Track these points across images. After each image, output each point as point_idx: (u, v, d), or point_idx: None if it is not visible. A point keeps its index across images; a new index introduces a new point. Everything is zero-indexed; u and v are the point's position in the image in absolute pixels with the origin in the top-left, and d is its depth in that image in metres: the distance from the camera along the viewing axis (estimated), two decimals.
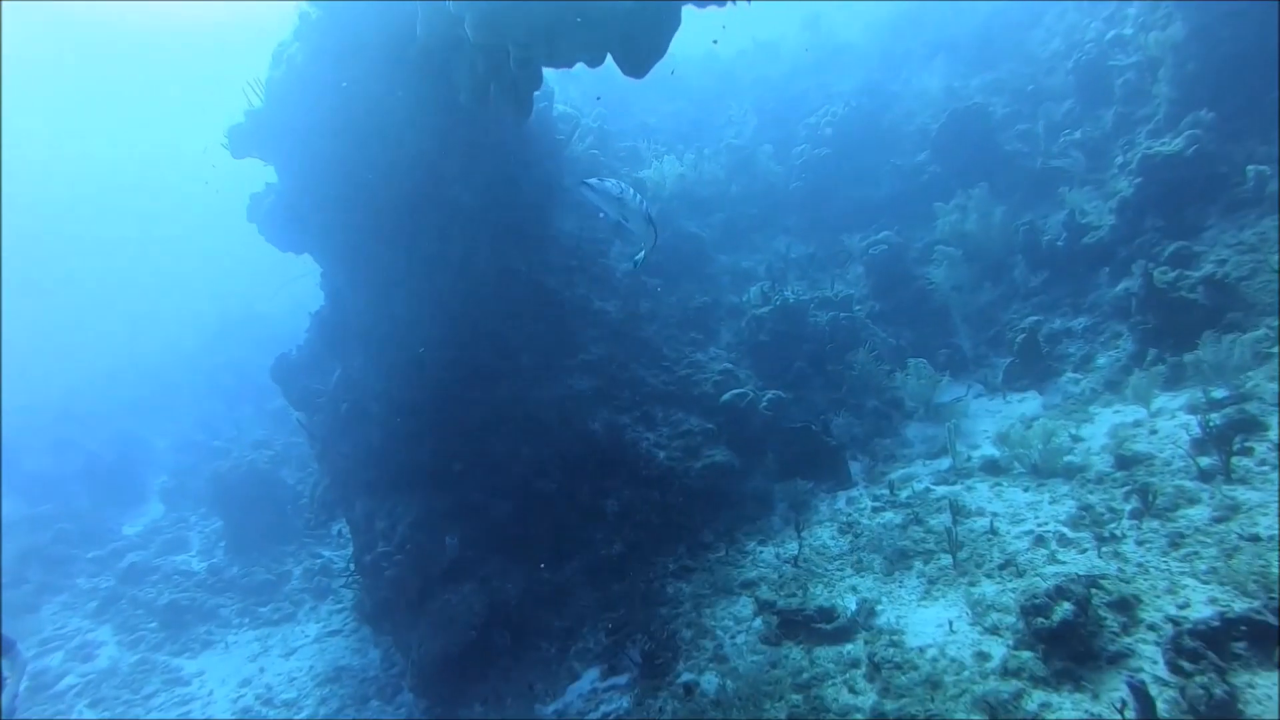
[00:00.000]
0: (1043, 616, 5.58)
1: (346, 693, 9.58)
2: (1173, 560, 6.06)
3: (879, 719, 5.60)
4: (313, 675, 10.19)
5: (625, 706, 7.04)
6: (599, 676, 7.68)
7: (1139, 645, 5.35)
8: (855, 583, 7.44)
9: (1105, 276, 10.58)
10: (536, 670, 8.11)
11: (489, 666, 8.29)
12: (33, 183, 51.57)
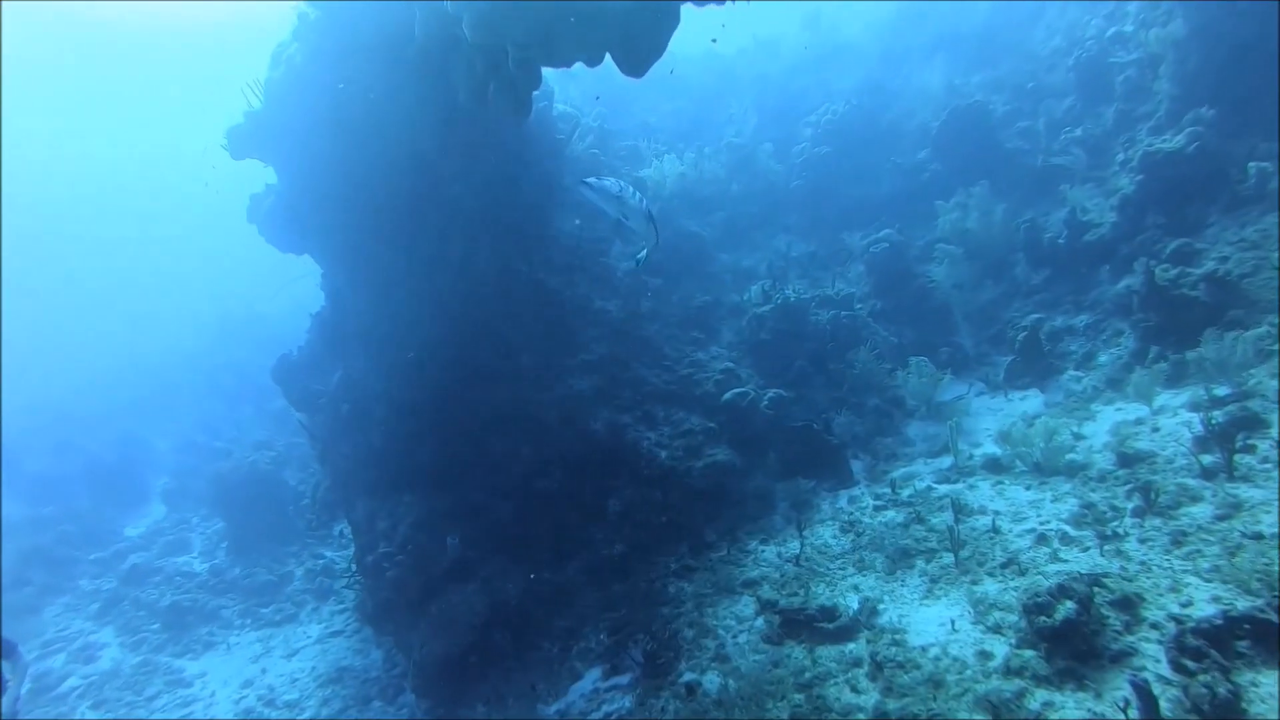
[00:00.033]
0: (1045, 615, 5.57)
1: (349, 694, 9.58)
2: (1175, 558, 6.05)
3: (882, 718, 5.60)
4: (315, 676, 10.20)
5: (627, 706, 7.04)
6: (601, 676, 7.68)
7: (1142, 644, 5.34)
8: (857, 582, 7.44)
9: (1107, 274, 10.57)
10: (538, 670, 8.10)
11: (491, 667, 8.29)
12: (33, 183, 51.62)
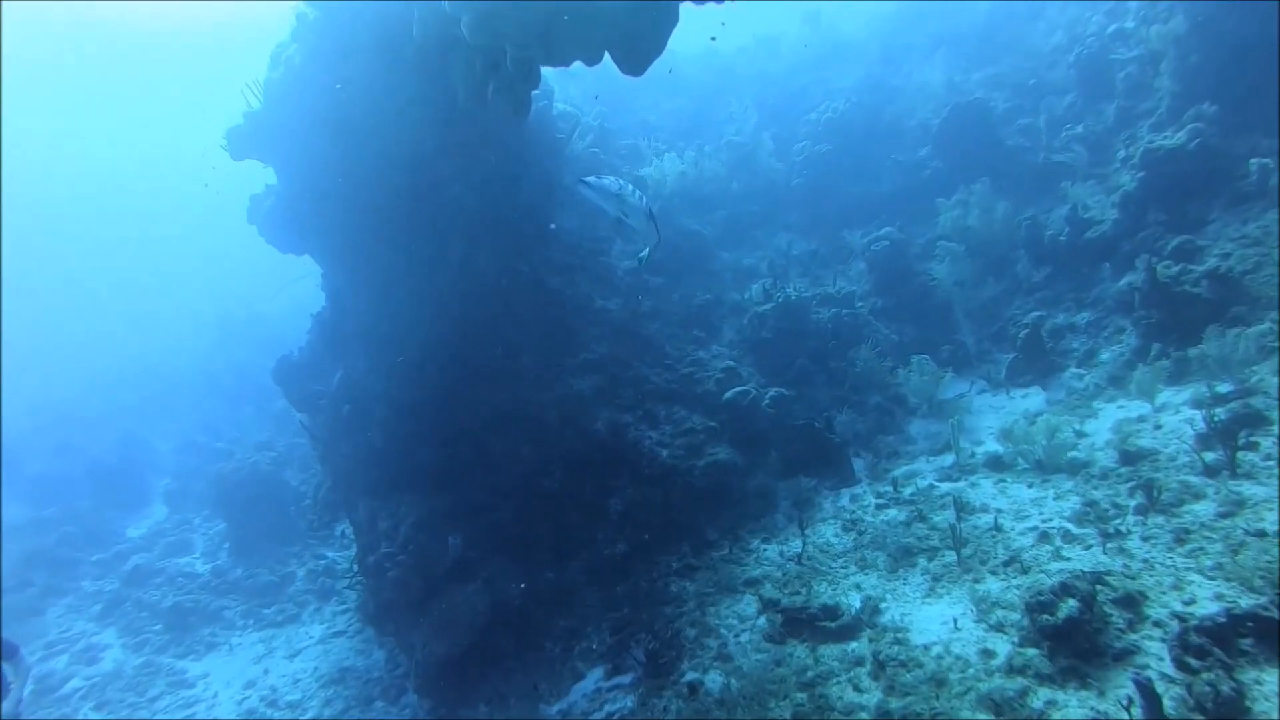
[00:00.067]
0: (1048, 613, 5.57)
1: (351, 694, 9.58)
2: (1178, 556, 6.04)
3: (884, 717, 5.59)
4: (317, 676, 10.20)
5: (629, 706, 7.03)
6: (603, 676, 7.68)
7: (1145, 642, 5.34)
8: (859, 580, 7.43)
9: (1108, 271, 10.54)
10: (540, 670, 8.10)
11: (493, 667, 8.29)
12: (33, 183, 51.63)
